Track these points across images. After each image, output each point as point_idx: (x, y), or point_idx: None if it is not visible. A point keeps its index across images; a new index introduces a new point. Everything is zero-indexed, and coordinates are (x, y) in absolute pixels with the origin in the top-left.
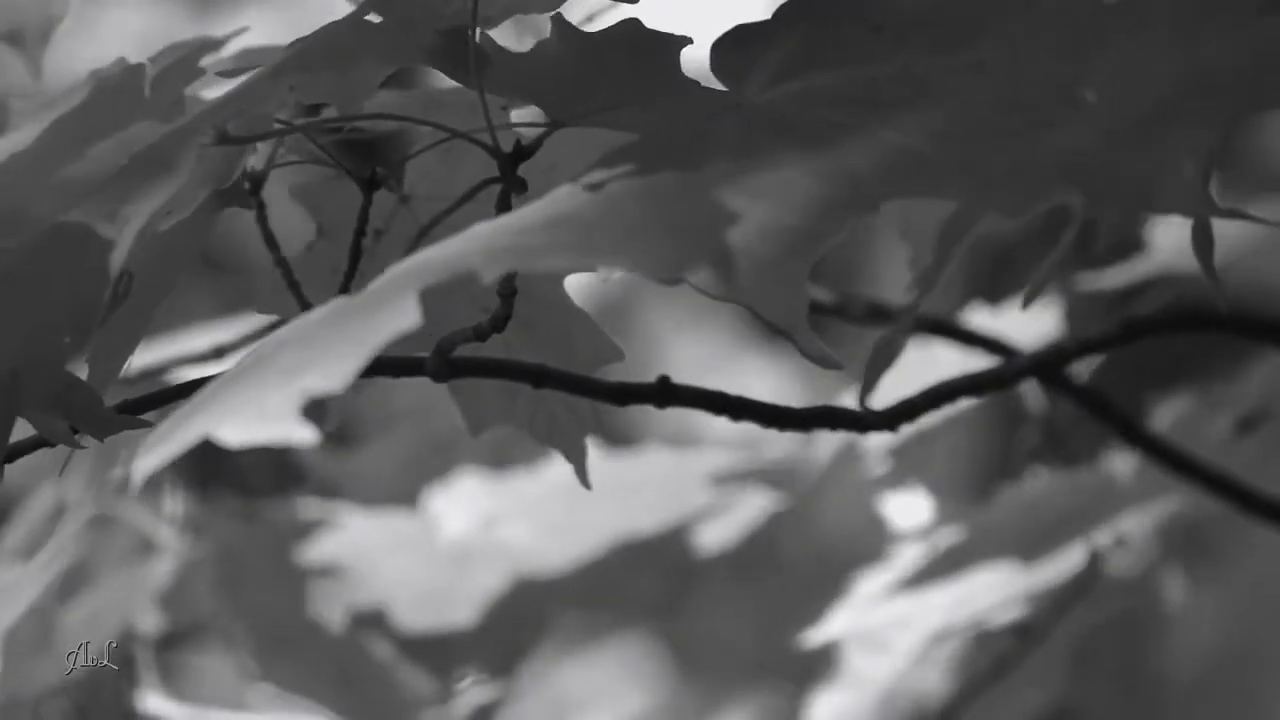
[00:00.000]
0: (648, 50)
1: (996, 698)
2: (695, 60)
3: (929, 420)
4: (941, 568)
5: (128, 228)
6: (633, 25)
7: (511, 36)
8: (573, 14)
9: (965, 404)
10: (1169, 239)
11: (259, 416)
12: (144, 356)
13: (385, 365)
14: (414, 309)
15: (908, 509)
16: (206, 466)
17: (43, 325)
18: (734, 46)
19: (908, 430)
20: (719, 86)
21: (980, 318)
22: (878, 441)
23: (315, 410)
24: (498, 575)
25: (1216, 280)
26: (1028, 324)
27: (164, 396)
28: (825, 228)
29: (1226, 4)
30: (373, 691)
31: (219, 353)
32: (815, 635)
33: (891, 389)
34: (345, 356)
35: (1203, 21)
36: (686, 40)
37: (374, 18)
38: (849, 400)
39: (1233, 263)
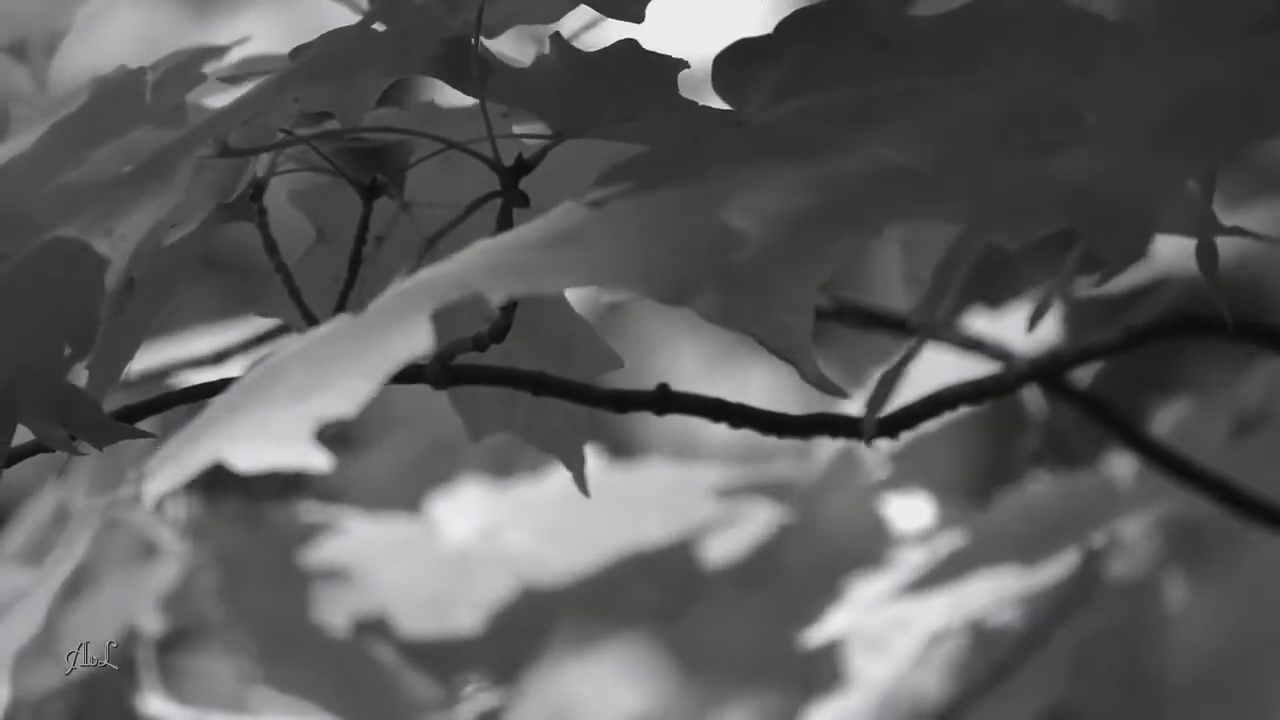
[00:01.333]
0: (645, 71)
1: (995, 701)
2: (695, 72)
3: (930, 422)
4: (942, 573)
5: (123, 244)
6: (630, 46)
7: (515, 45)
8: (575, 18)
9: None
10: (1169, 244)
11: (270, 440)
12: (145, 360)
13: None
14: (426, 331)
15: (909, 512)
16: (210, 470)
17: (42, 335)
18: (735, 62)
19: (909, 432)
20: (717, 100)
21: (981, 322)
22: (878, 444)
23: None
24: (501, 582)
25: (1223, 295)
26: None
27: (163, 402)
28: (829, 253)
29: (1218, 21)
30: (375, 696)
31: (220, 357)
32: (816, 639)
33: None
34: (358, 380)
35: (1198, 39)
36: (683, 64)
37: (379, 26)
38: (850, 405)
39: (1232, 267)
